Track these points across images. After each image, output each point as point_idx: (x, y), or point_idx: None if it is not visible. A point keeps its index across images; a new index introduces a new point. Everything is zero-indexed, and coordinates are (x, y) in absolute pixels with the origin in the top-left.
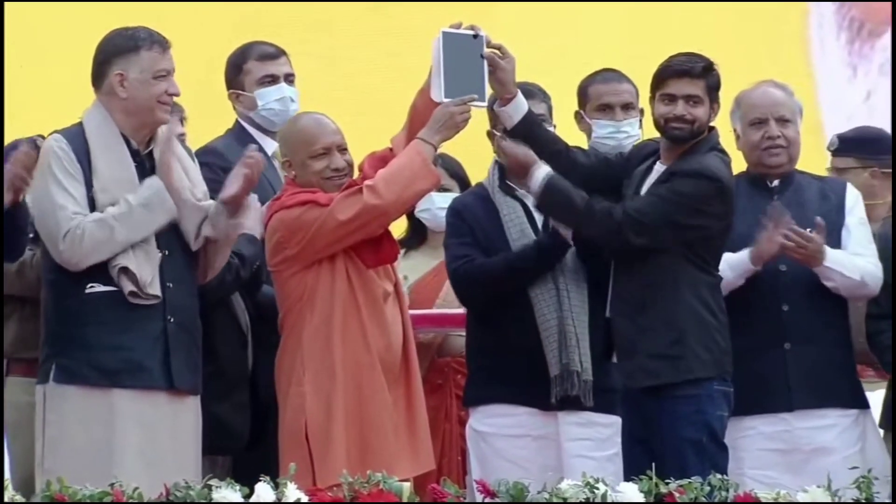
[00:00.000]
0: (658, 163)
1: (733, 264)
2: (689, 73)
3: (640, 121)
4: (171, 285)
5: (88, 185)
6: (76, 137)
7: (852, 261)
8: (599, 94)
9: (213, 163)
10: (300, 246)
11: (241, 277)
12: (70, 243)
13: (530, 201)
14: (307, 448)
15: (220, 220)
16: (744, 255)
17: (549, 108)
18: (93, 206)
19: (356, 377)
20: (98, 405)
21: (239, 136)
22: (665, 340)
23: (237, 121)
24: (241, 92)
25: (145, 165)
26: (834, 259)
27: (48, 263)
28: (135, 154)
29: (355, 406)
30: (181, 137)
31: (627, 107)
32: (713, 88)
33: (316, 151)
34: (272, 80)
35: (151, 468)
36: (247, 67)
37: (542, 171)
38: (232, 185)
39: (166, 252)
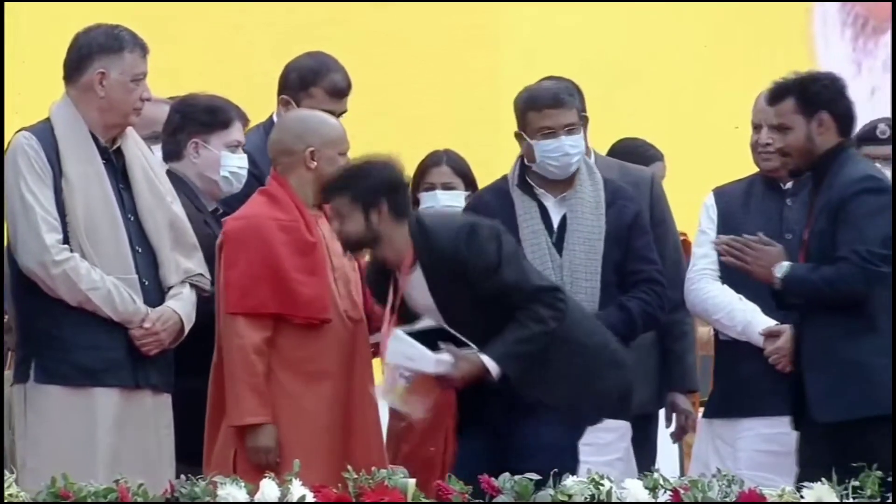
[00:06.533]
0: None
1: (749, 332)
2: None
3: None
4: (146, 282)
5: (58, 186)
6: (45, 136)
7: None
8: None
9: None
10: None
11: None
12: (56, 272)
13: (548, 201)
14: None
15: None
16: (759, 336)
17: (579, 110)
18: (62, 208)
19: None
20: (79, 404)
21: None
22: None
23: (271, 119)
24: (295, 106)
25: (114, 163)
26: None
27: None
28: (103, 151)
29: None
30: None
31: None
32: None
33: (344, 150)
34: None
35: (134, 466)
36: (313, 91)
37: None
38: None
39: (139, 250)
